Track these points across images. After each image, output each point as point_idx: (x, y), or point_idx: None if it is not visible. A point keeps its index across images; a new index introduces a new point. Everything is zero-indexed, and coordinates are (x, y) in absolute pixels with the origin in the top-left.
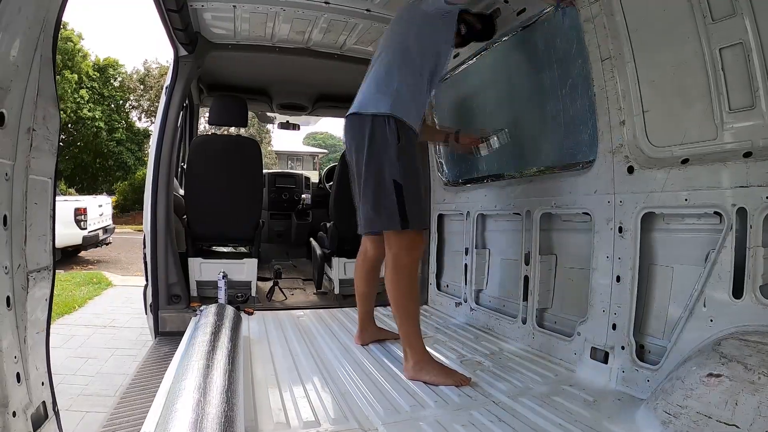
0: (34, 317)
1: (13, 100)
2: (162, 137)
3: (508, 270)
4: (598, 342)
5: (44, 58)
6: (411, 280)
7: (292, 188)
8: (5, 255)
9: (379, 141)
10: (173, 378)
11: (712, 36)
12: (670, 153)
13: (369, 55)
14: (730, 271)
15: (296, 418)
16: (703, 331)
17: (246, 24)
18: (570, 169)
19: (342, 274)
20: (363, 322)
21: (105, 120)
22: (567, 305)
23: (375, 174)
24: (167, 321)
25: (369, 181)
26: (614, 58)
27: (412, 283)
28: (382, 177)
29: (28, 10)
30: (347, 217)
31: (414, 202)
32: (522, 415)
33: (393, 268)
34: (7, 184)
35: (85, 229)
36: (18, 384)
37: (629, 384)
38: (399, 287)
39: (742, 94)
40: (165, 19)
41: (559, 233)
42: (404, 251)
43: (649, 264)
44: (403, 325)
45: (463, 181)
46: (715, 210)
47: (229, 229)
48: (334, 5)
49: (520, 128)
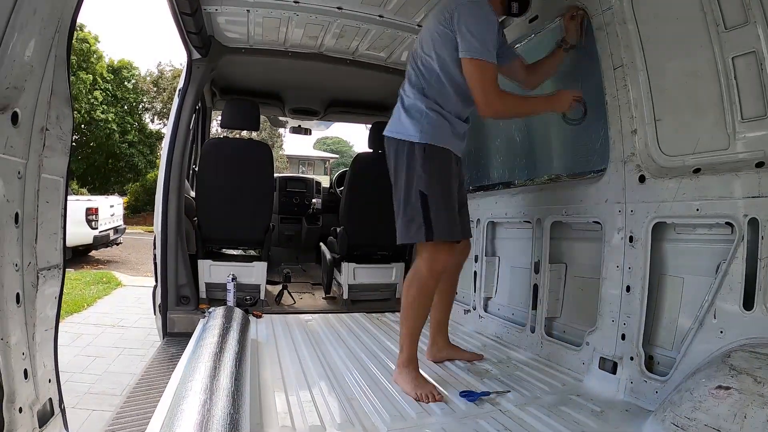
0: (43, 315)
1: (27, 100)
2: (174, 139)
3: (517, 278)
4: (606, 352)
5: (59, 58)
6: (420, 292)
7: (302, 192)
8: (16, 252)
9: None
10: (180, 379)
11: (725, 45)
12: (682, 162)
13: (381, 60)
14: (741, 283)
15: (302, 422)
16: (713, 343)
17: (259, 28)
18: (581, 177)
19: (351, 279)
20: (432, 335)
21: (118, 122)
22: (576, 314)
23: (405, 187)
24: (176, 322)
25: (398, 194)
26: (626, 67)
27: (420, 295)
28: (410, 189)
29: (43, 10)
30: (357, 222)
31: (440, 213)
32: (529, 424)
33: (409, 277)
34: (19, 182)
35: (96, 228)
36: (25, 380)
37: (637, 395)
38: (407, 296)
39: (755, 104)
40: (179, 22)
41: (570, 242)
42: (424, 262)
43: (660, 274)
44: (401, 329)
45: (473, 188)
46: (727, 220)
47: (239, 232)
48: (347, 11)
49: (531, 136)
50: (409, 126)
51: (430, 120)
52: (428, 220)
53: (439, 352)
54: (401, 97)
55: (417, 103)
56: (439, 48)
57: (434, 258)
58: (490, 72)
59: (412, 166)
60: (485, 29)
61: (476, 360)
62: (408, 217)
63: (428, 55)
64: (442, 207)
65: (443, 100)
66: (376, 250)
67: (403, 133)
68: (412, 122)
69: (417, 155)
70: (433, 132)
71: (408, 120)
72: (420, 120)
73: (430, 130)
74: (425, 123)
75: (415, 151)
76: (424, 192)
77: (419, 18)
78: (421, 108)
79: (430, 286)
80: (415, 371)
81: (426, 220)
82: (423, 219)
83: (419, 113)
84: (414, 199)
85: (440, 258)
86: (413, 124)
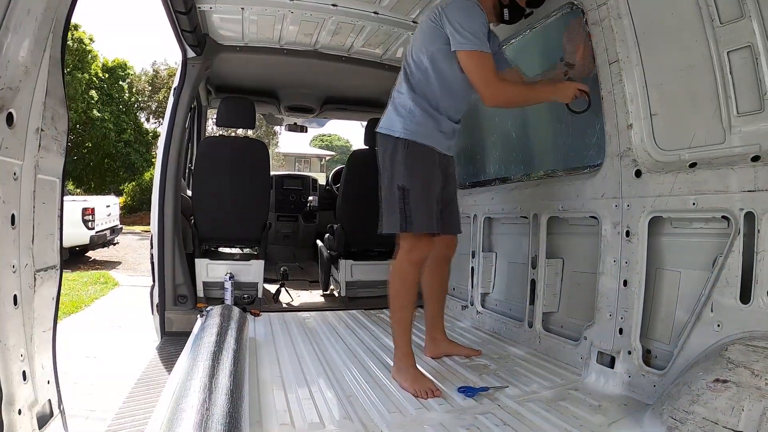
0: (40, 316)
1: (22, 101)
2: (170, 138)
3: (514, 273)
4: (604, 346)
5: (53, 58)
6: (402, 283)
7: (299, 190)
8: (13, 254)
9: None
10: (178, 378)
11: (720, 39)
12: (678, 157)
13: (377, 57)
14: (738, 276)
15: (301, 419)
16: (710, 337)
17: (254, 26)
18: (577, 172)
19: (348, 276)
20: (428, 331)
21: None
22: (573, 309)
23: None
24: (173, 321)
25: (383, 186)
26: (622, 62)
27: (403, 286)
28: (392, 182)
29: (38, 10)
30: (354, 219)
31: (418, 206)
32: (527, 419)
33: (392, 271)
34: (15, 183)
35: (93, 229)
36: (24, 382)
37: (635, 389)
38: (392, 287)
39: (751, 98)
40: (173, 20)
41: (566, 237)
42: (404, 253)
43: (657, 268)
44: (391, 324)
45: (470, 184)
46: (723, 214)
47: (236, 231)
48: (341, 7)
49: (527, 131)
50: (395, 122)
51: (415, 117)
52: (407, 213)
53: (437, 348)
54: (393, 95)
55: (406, 101)
56: (429, 43)
57: (412, 248)
58: (488, 61)
59: (395, 160)
60: (474, 21)
61: (474, 355)
62: (390, 209)
63: (419, 52)
64: (420, 201)
65: (432, 98)
66: (373, 246)
67: (389, 129)
68: (399, 119)
69: (399, 150)
70: (416, 129)
71: (395, 117)
72: (405, 117)
73: (413, 128)
74: (410, 120)
75: (397, 147)
76: (405, 186)
77: (414, 14)
78: (408, 105)
79: (411, 275)
80: (413, 367)
81: (405, 212)
82: (402, 211)
83: (406, 110)
84: (395, 191)
85: (418, 248)
86: (399, 120)
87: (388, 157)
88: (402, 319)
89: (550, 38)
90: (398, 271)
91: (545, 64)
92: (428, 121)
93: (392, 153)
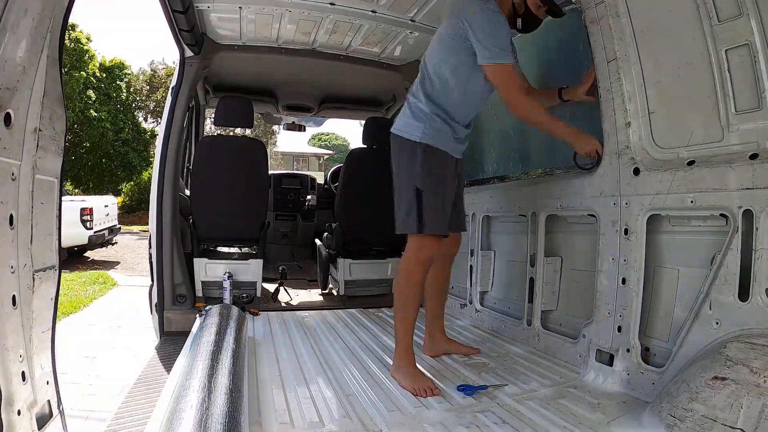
0: (39, 316)
1: (20, 101)
2: (168, 138)
3: (513, 272)
4: (603, 344)
5: (51, 58)
6: (408, 282)
7: (297, 189)
8: (11, 254)
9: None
10: (178, 378)
11: (718, 37)
12: (676, 155)
13: (375, 56)
14: (736, 274)
15: (300, 418)
16: (709, 334)
17: (252, 25)
18: (576, 170)
19: (347, 275)
20: (428, 329)
21: (111, 120)
22: (572, 307)
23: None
24: (172, 321)
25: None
26: (620, 60)
27: (409, 285)
28: (409, 184)
29: (35, 10)
30: (353, 218)
31: (432, 208)
32: (526, 417)
33: (399, 270)
34: (13, 183)
35: (91, 229)
36: (23, 382)
37: (634, 387)
38: (397, 285)
39: (749, 96)
40: (171, 20)
41: (565, 235)
42: (412, 252)
43: (655, 266)
44: (395, 322)
45: (468, 183)
46: (721, 212)
47: (235, 230)
48: (339, 6)
49: (525, 129)
50: (413, 126)
51: (434, 123)
52: (421, 214)
53: (436, 347)
54: (409, 98)
55: (423, 107)
56: (452, 55)
57: (420, 248)
58: (513, 74)
59: (411, 163)
60: (501, 33)
61: (473, 354)
62: (404, 210)
63: (440, 63)
64: (434, 203)
65: (448, 106)
66: (371, 245)
67: (407, 132)
68: (419, 124)
69: (417, 154)
70: (434, 134)
71: (414, 121)
72: (424, 122)
73: (431, 133)
74: (428, 126)
75: (416, 150)
76: (420, 188)
77: (412, 13)
78: (426, 111)
79: (418, 275)
80: (412, 365)
81: (419, 213)
82: (417, 212)
83: (424, 116)
84: (410, 193)
85: (426, 248)
86: (417, 125)
87: (405, 159)
88: (405, 317)
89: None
90: (405, 270)
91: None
92: (445, 128)
93: (410, 156)
